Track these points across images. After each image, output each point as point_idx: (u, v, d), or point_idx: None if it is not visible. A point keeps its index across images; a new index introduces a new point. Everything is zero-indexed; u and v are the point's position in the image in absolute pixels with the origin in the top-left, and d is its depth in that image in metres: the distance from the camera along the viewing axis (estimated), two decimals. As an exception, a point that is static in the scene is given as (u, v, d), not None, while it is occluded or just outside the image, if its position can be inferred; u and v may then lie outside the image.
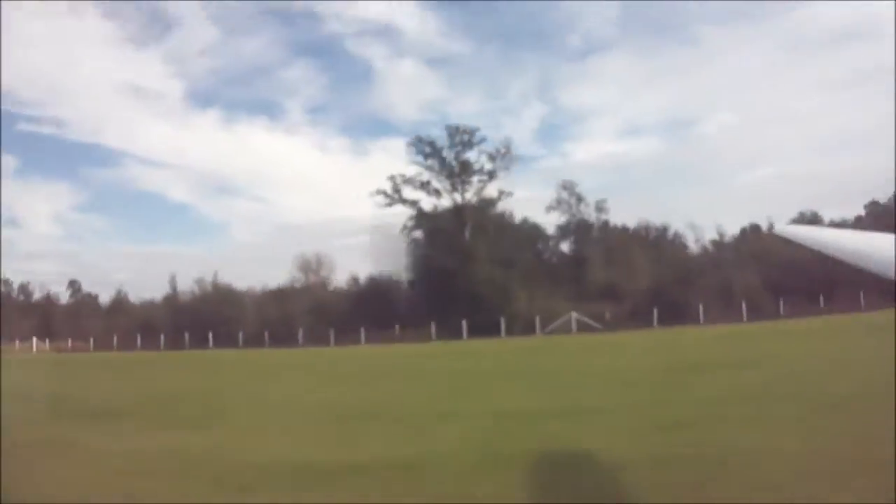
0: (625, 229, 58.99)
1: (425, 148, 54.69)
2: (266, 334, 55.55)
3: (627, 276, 51.92)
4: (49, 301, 78.16)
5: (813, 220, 56.97)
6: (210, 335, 56.78)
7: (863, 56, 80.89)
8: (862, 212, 64.45)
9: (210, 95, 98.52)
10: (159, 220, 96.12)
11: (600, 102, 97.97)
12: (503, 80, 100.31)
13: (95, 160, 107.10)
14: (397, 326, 51.02)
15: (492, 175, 53.81)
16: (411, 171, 55.55)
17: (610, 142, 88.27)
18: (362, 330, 50.94)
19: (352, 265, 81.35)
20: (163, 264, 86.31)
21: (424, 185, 54.59)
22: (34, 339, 66.91)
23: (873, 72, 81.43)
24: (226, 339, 56.79)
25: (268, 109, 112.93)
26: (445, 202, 55.29)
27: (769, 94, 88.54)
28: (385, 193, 55.50)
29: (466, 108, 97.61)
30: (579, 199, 55.71)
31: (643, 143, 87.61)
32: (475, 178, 54.28)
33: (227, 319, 58.17)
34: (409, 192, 55.98)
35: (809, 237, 4.16)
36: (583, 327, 47.43)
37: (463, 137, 54.13)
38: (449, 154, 54.60)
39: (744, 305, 45.27)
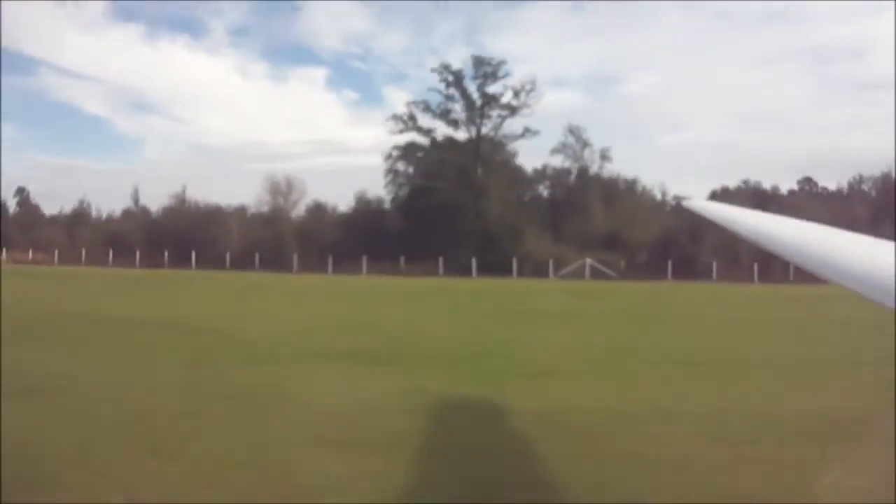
0: (597, 177, 57.56)
1: (448, 76, 51.89)
2: (257, 257, 52.71)
3: (634, 227, 51.49)
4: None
5: (757, 189, 58.05)
6: (193, 254, 53.61)
7: (786, 37, 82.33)
8: (794, 186, 63.94)
9: (133, 9, 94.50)
10: (73, 132, 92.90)
11: (526, 51, 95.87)
12: (431, 19, 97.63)
13: (10, 67, 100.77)
14: (402, 259, 49.18)
15: (514, 110, 51.63)
16: (433, 98, 53.17)
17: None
18: (364, 259, 48.91)
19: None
20: (75, 177, 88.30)
21: (445, 115, 51.95)
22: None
23: (796, 53, 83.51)
24: (207, 261, 53.71)
25: (190, 27, 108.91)
26: (461, 135, 53.02)
27: (693, 62, 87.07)
28: (401, 119, 52.76)
29: (392, 45, 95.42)
30: (585, 144, 54.33)
31: (565, 96, 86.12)
32: (495, 113, 52.02)
33: (211, 239, 54.82)
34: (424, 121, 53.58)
35: (728, 218, 3.70)
36: (595, 274, 46.96)
37: (487, 69, 51.54)
38: (471, 85, 52.01)
39: (756, 267, 45.59)
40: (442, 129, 53.22)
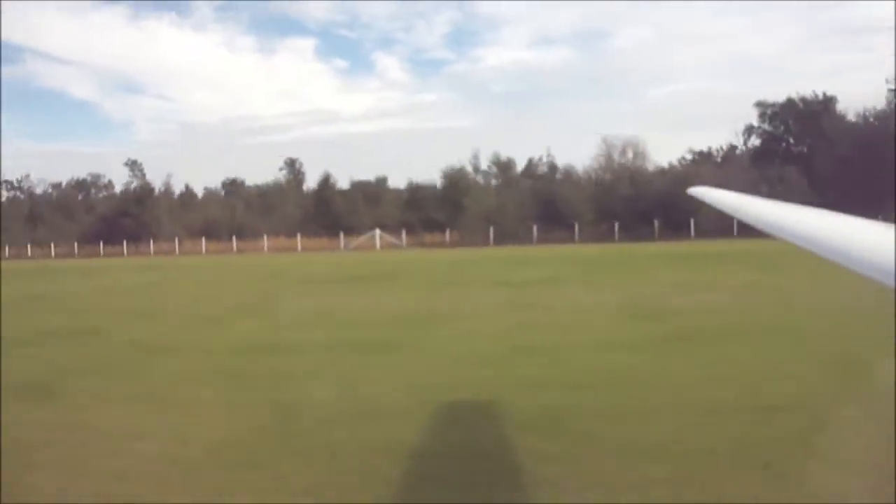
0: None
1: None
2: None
3: None
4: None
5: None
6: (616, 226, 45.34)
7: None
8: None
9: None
10: (61, 117, 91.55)
11: (513, 10, 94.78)
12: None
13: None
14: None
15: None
16: None
17: (522, 49, 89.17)
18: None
19: (260, 163, 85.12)
20: (67, 162, 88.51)
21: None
22: (298, 236, 51.45)
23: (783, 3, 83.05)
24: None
25: (175, 5, 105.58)
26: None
27: (681, 12, 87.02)
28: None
29: (377, 11, 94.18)
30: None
31: (555, 53, 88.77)
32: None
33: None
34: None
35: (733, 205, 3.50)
36: None
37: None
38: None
39: None
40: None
